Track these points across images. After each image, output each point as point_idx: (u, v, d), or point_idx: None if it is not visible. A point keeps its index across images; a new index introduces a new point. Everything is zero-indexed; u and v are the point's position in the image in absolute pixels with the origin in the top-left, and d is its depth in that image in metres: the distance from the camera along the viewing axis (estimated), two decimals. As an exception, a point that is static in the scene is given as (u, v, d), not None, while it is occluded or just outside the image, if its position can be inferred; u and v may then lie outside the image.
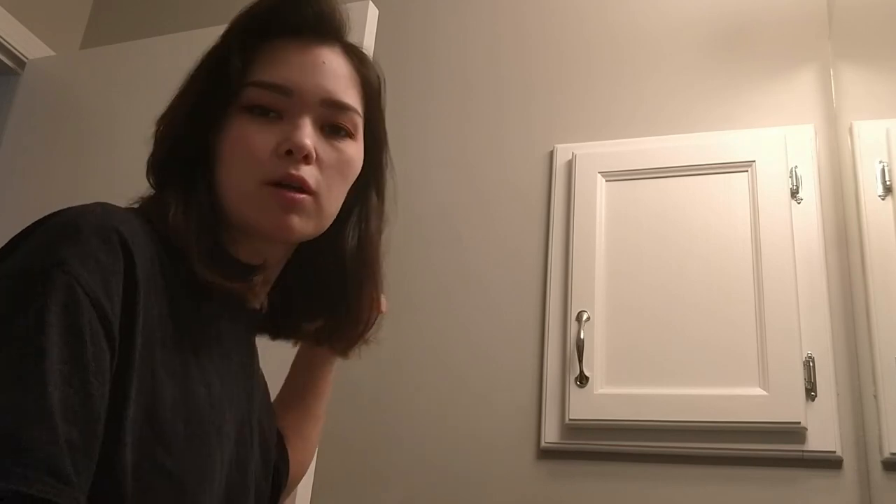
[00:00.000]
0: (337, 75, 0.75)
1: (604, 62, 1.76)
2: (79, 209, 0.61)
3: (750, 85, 1.62)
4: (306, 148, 0.70)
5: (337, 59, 0.76)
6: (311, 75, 0.73)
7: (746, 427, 1.35)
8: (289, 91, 0.71)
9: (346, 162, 0.75)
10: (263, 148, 0.70)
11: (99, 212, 0.61)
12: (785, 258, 1.43)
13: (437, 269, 1.69)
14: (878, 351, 1.28)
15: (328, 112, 0.73)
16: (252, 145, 0.70)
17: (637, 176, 1.60)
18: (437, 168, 1.78)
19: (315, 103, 0.72)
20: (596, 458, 1.44)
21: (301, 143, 0.69)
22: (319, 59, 0.74)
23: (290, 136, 0.70)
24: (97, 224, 0.59)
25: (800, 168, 1.50)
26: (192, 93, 0.75)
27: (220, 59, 0.73)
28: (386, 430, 1.57)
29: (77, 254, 0.56)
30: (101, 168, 1.78)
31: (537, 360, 1.55)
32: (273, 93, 0.71)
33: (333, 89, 0.74)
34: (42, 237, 0.58)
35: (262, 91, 0.72)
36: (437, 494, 1.50)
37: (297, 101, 0.72)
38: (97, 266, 0.57)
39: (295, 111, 0.72)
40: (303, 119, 0.71)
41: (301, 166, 0.70)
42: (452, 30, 1.92)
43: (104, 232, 0.59)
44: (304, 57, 0.74)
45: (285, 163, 0.70)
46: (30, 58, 2.04)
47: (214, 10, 2.17)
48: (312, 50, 0.74)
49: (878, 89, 1.47)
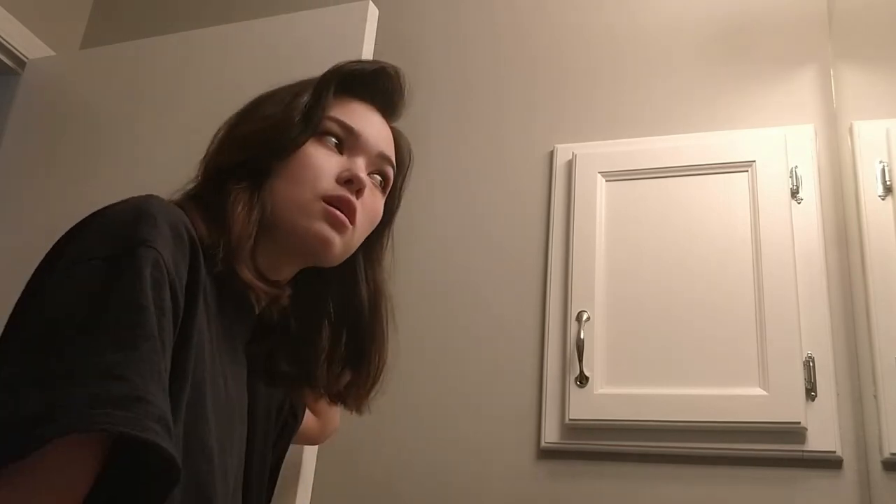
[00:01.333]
0: (388, 140, 0.92)
1: (604, 62, 1.76)
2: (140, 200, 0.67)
3: (750, 85, 1.62)
4: (364, 182, 0.83)
5: (388, 131, 0.93)
6: (374, 131, 0.89)
7: (746, 427, 1.35)
8: (357, 134, 0.86)
9: (377, 210, 0.90)
10: (328, 169, 0.82)
11: (164, 203, 0.69)
12: (785, 258, 1.43)
13: (437, 268, 1.69)
14: (878, 351, 1.28)
15: (378, 161, 0.88)
16: (319, 164, 0.82)
17: (637, 176, 1.60)
18: (437, 168, 1.78)
19: (372, 151, 0.88)
20: (596, 458, 1.44)
21: (360, 176, 0.83)
22: (380, 123, 0.91)
23: (352, 168, 0.83)
24: (167, 213, 0.66)
25: (800, 168, 1.50)
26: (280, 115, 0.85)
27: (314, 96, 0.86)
28: (385, 430, 1.57)
29: (157, 235, 0.63)
30: (101, 168, 1.78)
31: (537, 360, 1.55)
32: (344, 130, 0.86)
33: (387, 147, 0.90)
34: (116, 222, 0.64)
35: (336, 126, 0.86)
36: (437, 494, 1.50)
37: (361, 143, 0.86)
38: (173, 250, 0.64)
39: (356, 151, 0.86)
40: (361, 159, 0.86)
41: (354, 196, 0.83)
42: (452, 30, 1.92)
43: (174, 221, 0.66)
44: (368, 116, 0.90)
45: (343, 188, 0.82)
46: (30, 58, 2.04)
47: (214, 10, 2.17)
48: (375, 115, 0.91)
49: (878, 89, 1.47)
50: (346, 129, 0.86)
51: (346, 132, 0.86)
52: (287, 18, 1.74)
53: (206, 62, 1.78)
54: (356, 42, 1.57)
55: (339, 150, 0.85)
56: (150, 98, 1.81)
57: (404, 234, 1.75)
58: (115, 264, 0.60)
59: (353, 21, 1.60)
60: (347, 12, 1.62)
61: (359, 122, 0.87)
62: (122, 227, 0.63)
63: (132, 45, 1.92)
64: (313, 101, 0.86)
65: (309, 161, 0.82)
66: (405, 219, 1.76)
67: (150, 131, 1.75)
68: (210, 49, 1.79)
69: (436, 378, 1.60)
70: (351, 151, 0.86)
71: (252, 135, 0.85)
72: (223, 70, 1.74)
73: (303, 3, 1.90)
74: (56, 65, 2.03)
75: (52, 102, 1.96)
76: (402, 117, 0.98)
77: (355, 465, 1.54)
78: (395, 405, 1.59)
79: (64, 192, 1.80)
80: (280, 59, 1.66)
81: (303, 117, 0.84)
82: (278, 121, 0.84)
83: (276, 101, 0.87)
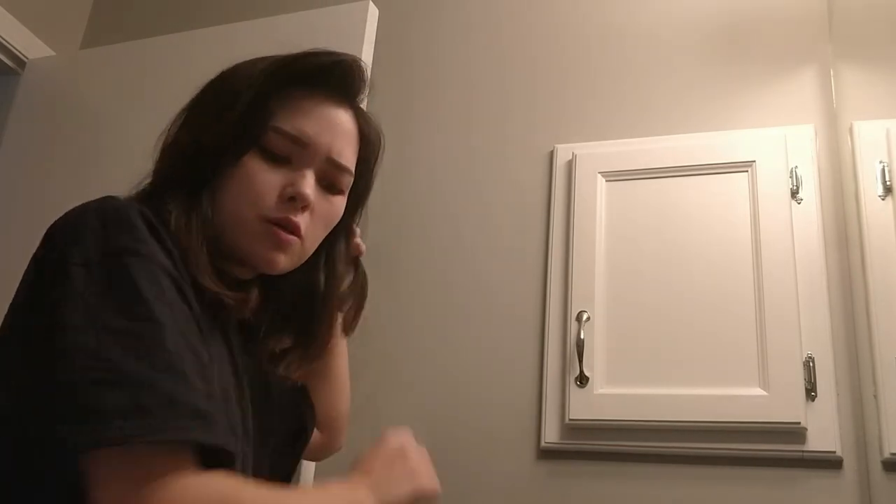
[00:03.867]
0: (345, 135, 0.84)
1: (604, 62, 1.76)
2: (105, 202, 0.68)
3: (750, 85, 1.62)
4: (308, 199, 0.79)
5: (348, 119, 0.85)
6: (324, 133, 0.81)
7: (746, 427, 1.35)
8: (304, 144, 0.80)
9: (333, 213, 0.85)
10: (270, 188, 0.78)
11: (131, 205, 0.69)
12: (785, 258, 1.43)
13: (437, 268, 1.69)
14: (878, 351, 1.28)
15: (329, 169, 0.82)
16: (260, 183, 0.78)
17: (637, 176, 1.60)
18: (438, 168, 1.78)
19: (322, 159, 0.81)
20: (596, 458, 1.44)
21: (304, 193, 0.78)
22: (335, 119, 0.83)
23: (297, 184, 0.78)
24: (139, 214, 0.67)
25: (800, 168, 1.50)
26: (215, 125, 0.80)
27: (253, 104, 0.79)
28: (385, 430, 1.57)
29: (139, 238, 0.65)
30: (101, 168, 1.78)
31: (537, 360, 1.55)
32: (290, 141, 0.80)
33: (339, 150, 0.82)
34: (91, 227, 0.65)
35: (280, 138, 0.79)
36: (437, 494, 1.50)
37: (308, 153, 0.80)
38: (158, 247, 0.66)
39: (303, 162, 0.80)
40: (308, 171, 0.80)
41: (298, 213, 0.78)
42: (453, 30, 1.92)
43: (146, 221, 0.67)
44: (321, 114, 0.82)
45: (286, 207, 0.78)
46: (30, 58, 2.04)
47: (214, 10, 2.17)
48: (330, 109, 0.83)
49: (878, 89, 1.47)
50: (292, 141, 0.79)
51: (293, 143, 0.79)
52: (287, 18, 1.74)
53: (206, 62, 1.76)
54: (356, 42, 1.57)
55: (287, 160, 0.79)
56: (150, 98, 1.81)
57: (404, 234, 1.76)
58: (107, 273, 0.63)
59: (353, 21, 1.60)
60: (347, 12, 1.63)
61: (309, 129, 0.80)
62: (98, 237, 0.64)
63: (132, 45, 1.92)
64: (252, 109, 0.79)
65: (251, 179, 0.77)
66: (406, 219, 1.77)
67: (150, 131, 1.74)
68: (210, 49, 1.79)
69: (436, 378, 1.60)
70: (298, 162, 0.80)
71: (187, 146, 0.80)
72: (223, 70, 1.74)
73: (303, 3, 1.90)
74: (56, 65, 2.03)
75: (52, 102, 1.96)
76: (402, 117, 0.97)
77: (355, 465, 1.54)
78: (395, 405, 1.59)
79: (64, 192, 1.79)
80: (280, 59, 1.66)
81: (242, 127, 0.78)
82: (214, 132, 0.79)
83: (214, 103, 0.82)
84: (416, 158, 1.79)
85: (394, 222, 1.74)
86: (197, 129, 0.81)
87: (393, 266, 1.71)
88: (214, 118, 0.80)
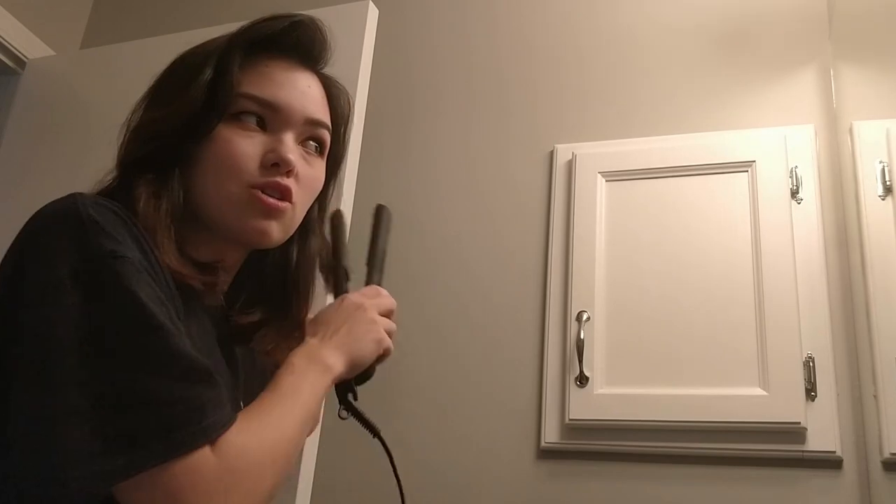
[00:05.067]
0: (316, 99, 0.82)
1: (604, 62, 1.76)
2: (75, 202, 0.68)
3: (750, 85, 1.62)
4: (292, 163, 0.76)
5: (315, 84, 0.83)
6: (296, 97, 0.79)
7: (746, 427, 1.35)
8: (277, 107, 0.77)
9: (316, 178, 0.82)
10: (250, 155, 0.75)
11: (101, 201, 0.68)
12: (785, 258, 1.43)
13: (437, 268, 1.69)
14: (878, 351, 1.28)
15: (308, 129, 0.80)
16: (240, 152, 0.75)
17: (637, 176, 1.60)
18: (438, 168, 1.78)
19: (298, 121, 0.78)
20: (596, 458, 1.44)
21: (287, 158, 0.75)
22: (303, 83, 0.81)
23: (278, 150, 0.76)
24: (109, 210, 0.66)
25: (800, 168, 1.50)
26: (181, 99, 0.77)
27: (218, 71, 0.77)
28: (385, 430, 1.57)
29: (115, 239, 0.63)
30: (100, 168, 1.77)
31: (537, 360, 1.55)
32: (262, 107, 0.77)
33: (314, 110, 0.80)
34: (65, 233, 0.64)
35: (252, 103, 0.77)
36: (437, 494, 1.50)
37: (283, 117, 0.77)
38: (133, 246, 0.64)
39: (279, 126, 0.77)
40: (287, 135, 0.77)
41: (285, 178, 0.76)
42: (452, 30, 1.92)
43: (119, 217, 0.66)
44: (289, 79, 0.80)
45: (271, 172, 0.75)
46: (30, 58, 2.04)
47: (214, 9, 2.17)
48: (296, 73, 0.81)
49: (878, 89, 1.47)
50: (264, 105, 0.77)
51: (265, 108, 0.77)
52: (287, 18, 1.74)
53: (206, 62, 1.77)
54: (356, 42, 1.57)
55: (262, 127, 0.77)
56: (150, 98, 1.81)
57: (404, 234, 1.75)
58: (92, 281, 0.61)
59: (353, 21, 1.60)
60: (347, 12, 1.62)
61: (278, 92, 0.77)
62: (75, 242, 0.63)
63: (132, 45, 1.92)
64: (218, 76, 0.76)
65: (227, 148, 0.74)
66: (406, 219, 1.77)
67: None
68: (210, 49, 1.79)
69: (435, 378, 1.60)
70: (274, 127, 0.77)
71: (154, 124, 0.78)
72: (223, 70, 1.74)
73: (303, 4, 1.90)
74: (56, 65, 2.03)
75: (52, 102, 1.96)
76: (402, 117, 0.96)
77: (355, 465, 1.54)
78: (394, 405, 1.59)
79: (63, 192, 1.80)
80: (280, 59, 1.66)
81: (208, 97, 0.75)
82: (181, 104, 0.76)
83: (177, 79, 0.80)
84: (417, 158, 1.79)
85: (393, 222, 1.73)
86: (163, 107, 0.78)
87: (392, 266, 1.71)
88: (179, 94, 0.77)
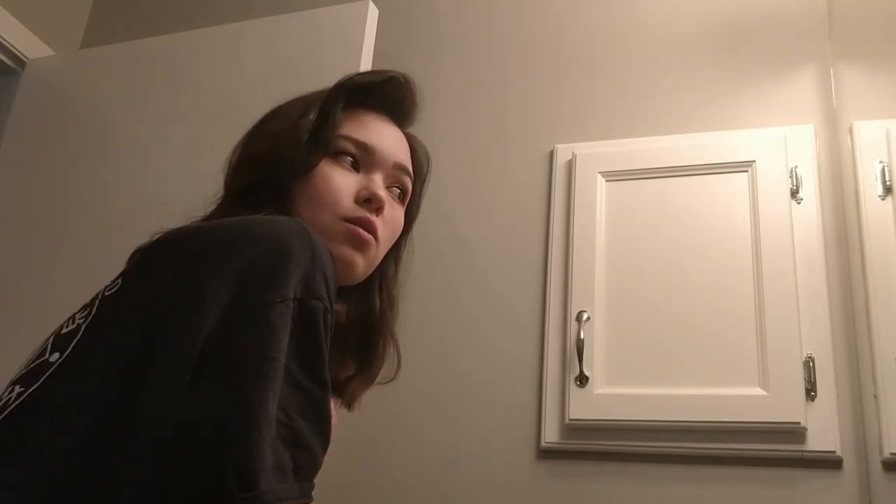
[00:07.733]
0: (403, 149, 0.90)
1: (604, 62, 1.76)
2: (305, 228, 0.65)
3: (750, 85, 1.62)
4: (382, 200, 0.82)
5: (404, 140, 0.92)
6: (387, 143, 0.87)
7: (746, 427, 1.35)
8: (371, 150, 0.85)
9: (398, 222, 0.89)
10: (346, 191, 0.81)
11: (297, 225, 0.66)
12: (785, 258, 1.43)
13: (437, 268, 1.69)
14: (878, 351, 1.28)
15: (395, 173, 0.87)
16: (337, 185, 0.81)
17: (637, 176, 1.60)
18: (438, 168, 1.77)
19: (388, 165, 0.86)
20: (596, 458, 1.44)
21: (379, 194, 0.82)
22: (394, 133, 0.90)
23: (370, 187, 0.82)
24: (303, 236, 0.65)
25: (800, 168, 1.50)
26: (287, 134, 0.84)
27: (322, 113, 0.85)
28: (385, 430, 1.57)
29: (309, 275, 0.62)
30: (100, 168, 1.78)
31: (537, 359, 1.55)
32: (358, 148, 0.84)
33: (402, 157, 0.88)
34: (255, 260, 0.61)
35: (350, 144, 0.84)
36: (437, 494, 1.50)
37: (376, 158, 0.85)
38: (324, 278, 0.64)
39: (371, 167, 0.84)
40: (378, 175, 0.84)
41: (373, 215, 0.81)
42: (453, 30, 1.92)
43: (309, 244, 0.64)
44: (382, 127, 0.88)
45: (362, 208, 0.81)
46: (30, 58, 2.04)
47: (214, 10, 2.17)
48: (388, 124, 0.90)
49: (878, 89, 1.47)
50: (360, 147, 0.84)
51: (361, 150, 0.84)
52: (287, 18, 1.74)
53: (206, 62, 1.78)
54: (356, 42, 1.57)
55: (355, 168, 0.84)
56: (150, 98, 1.81)
57: (404, 234, 1.75)
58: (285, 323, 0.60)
59: (353, 21, 1.60)
60: (347, 12, 1.62)
61: (373, 137, 0.86)
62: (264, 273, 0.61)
63: (132, 45, 1.92)
64: (322, 118, 0.84)
65: (327, 183, 0.81)
66: (405, 219, 1.77)
67: (151, 131, 1.75)
68: (210, 49, 1.79)
69: (435, 378, 1.60)
70: (367, 168, 0.84)
71: (262, 154, 0.84)
72: (223, 70, 1.74)
73: (303, 3, 1.90)
74: (56, 65, 2.03)
75: (52, 102, 1.96)
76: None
77: (355, 465, 1.54)
78: (394, 405, 1.59)
79: (64, 192, 1.80)
80: (281, 58, 1.66)
81: (312, 136, 0.83)
82: (287, 139, 0.83)
83: (283, 118, 0.86)
84: (416, 158, 1.79)
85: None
86: (270, 138, 0.84)
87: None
88: (284, 131, 0.84)
